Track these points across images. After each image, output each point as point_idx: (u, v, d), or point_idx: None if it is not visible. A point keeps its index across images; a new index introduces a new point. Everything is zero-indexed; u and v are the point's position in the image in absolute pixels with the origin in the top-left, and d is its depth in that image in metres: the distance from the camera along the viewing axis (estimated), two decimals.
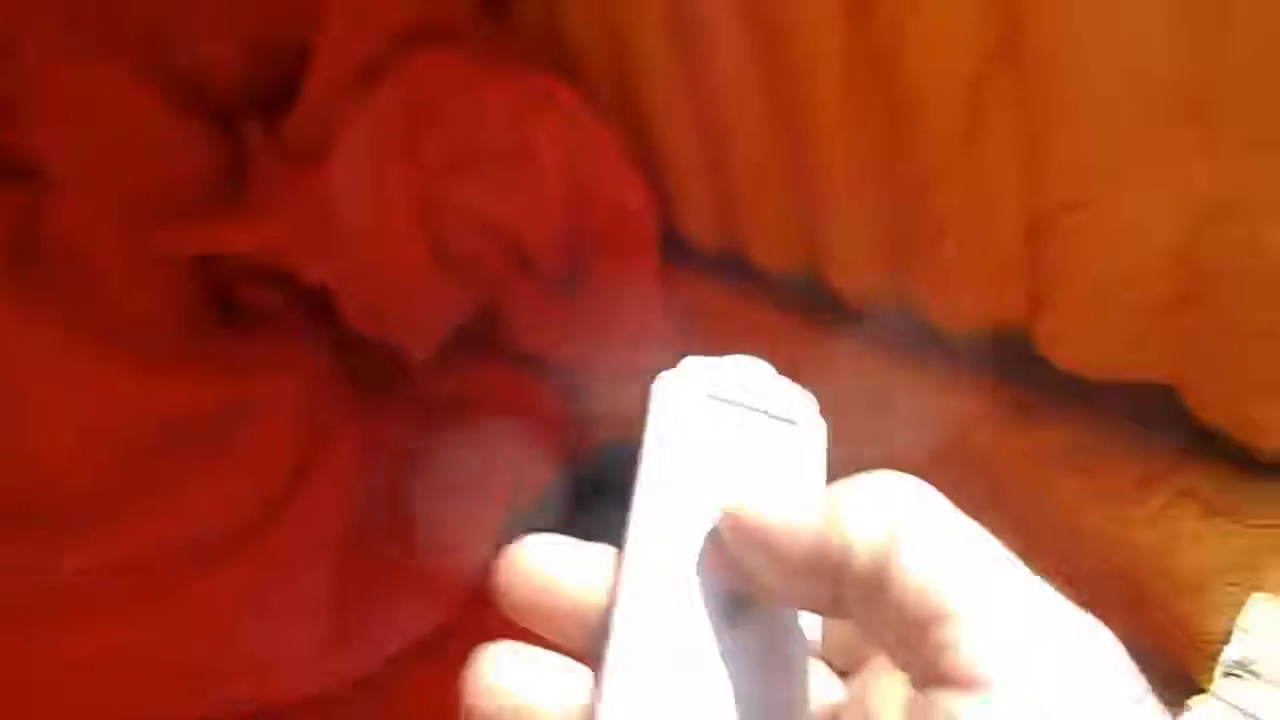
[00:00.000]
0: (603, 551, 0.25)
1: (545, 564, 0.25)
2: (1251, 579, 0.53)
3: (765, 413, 0.27)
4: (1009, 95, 0.55)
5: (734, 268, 0.87)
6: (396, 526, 0.87)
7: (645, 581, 0.23)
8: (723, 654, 0.23)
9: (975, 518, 0.21)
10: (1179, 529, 0.56)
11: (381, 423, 0.92)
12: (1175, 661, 0.56)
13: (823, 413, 0.27)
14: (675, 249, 0.91)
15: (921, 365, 0.71)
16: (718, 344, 0.30)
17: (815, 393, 0.28)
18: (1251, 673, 0.52)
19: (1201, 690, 0.53)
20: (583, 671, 0.24)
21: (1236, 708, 0.52)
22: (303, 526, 0.82)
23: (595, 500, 0.90)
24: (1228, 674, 0.52)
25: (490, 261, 0.93)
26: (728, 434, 0.26)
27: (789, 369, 0.28)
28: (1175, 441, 0.58)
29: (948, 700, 0.19)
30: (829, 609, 0.23)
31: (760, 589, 0.23)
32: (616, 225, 0.87)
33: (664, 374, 0.27)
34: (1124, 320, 0.57)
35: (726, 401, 0.26)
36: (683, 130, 0.87)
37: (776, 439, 0.26)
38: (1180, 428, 0.57)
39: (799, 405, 0.27)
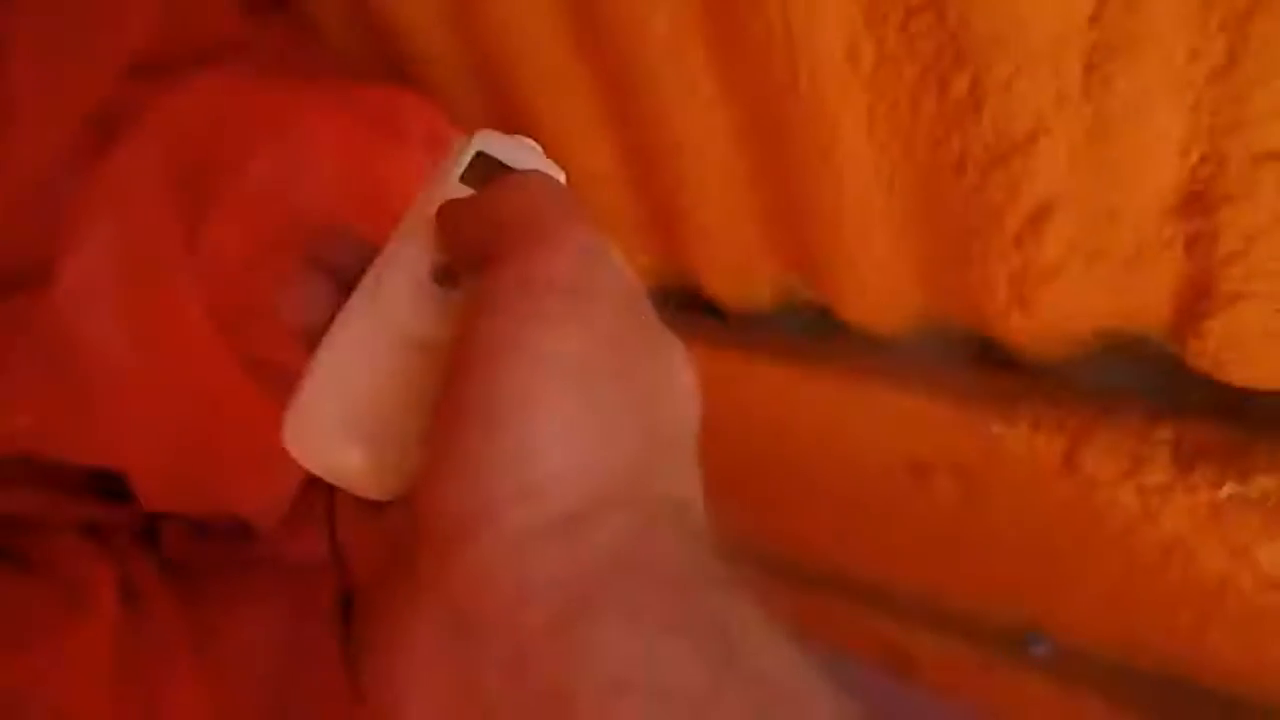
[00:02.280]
0: None
1: None
2: None
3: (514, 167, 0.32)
4: None
5: None
6: None
7: (383, 263, 0.30)
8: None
9: None
10: None
11: (236, 637, 0.61)
12: None
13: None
14: None
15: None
16: None
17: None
18: None
19: None
20: None
21: None
22: None
23: None
24: None
25: None
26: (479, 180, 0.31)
27: None
28: None
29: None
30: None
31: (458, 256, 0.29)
32: None
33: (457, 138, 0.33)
34: None
35: (492, 159, 0.32)
36: (597, 143, 0.60)
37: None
38: None
39: (546, 166, 0.33)
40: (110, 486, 0.63)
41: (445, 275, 0.29)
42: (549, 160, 0.34)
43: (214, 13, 0.65)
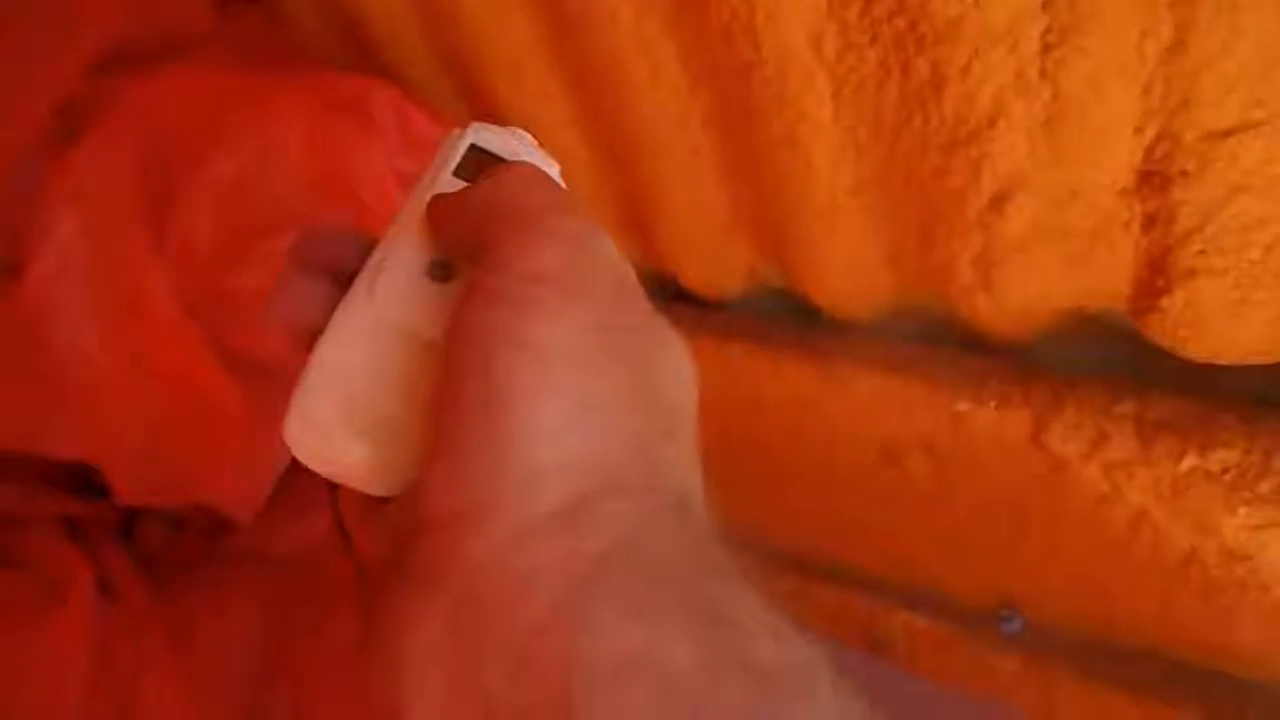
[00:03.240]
0: None
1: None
2: None
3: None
4: None
5: None
6: None
7: (384, 253, 0.30)
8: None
9: None
10: None
11: (212, 632, 0.61)
12: None
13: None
14: None
15: None
16: None
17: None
18: None
19: None
20: None
21: None
22: None
23: None
24: None
25: None
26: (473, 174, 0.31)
27: None
28: None
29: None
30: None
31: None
32: None
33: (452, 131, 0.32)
34: None
35: (485, 152, 0.32)
36: (565, 129, 0.60)
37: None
38: None
39: (539, 158, 0.33)
40: (86, 482, 0.63)
41: (441, 270, 0.29)
42: (543, 152, 0.34)
43: (184, 6, 0.65)
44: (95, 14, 0.60)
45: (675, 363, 0.27)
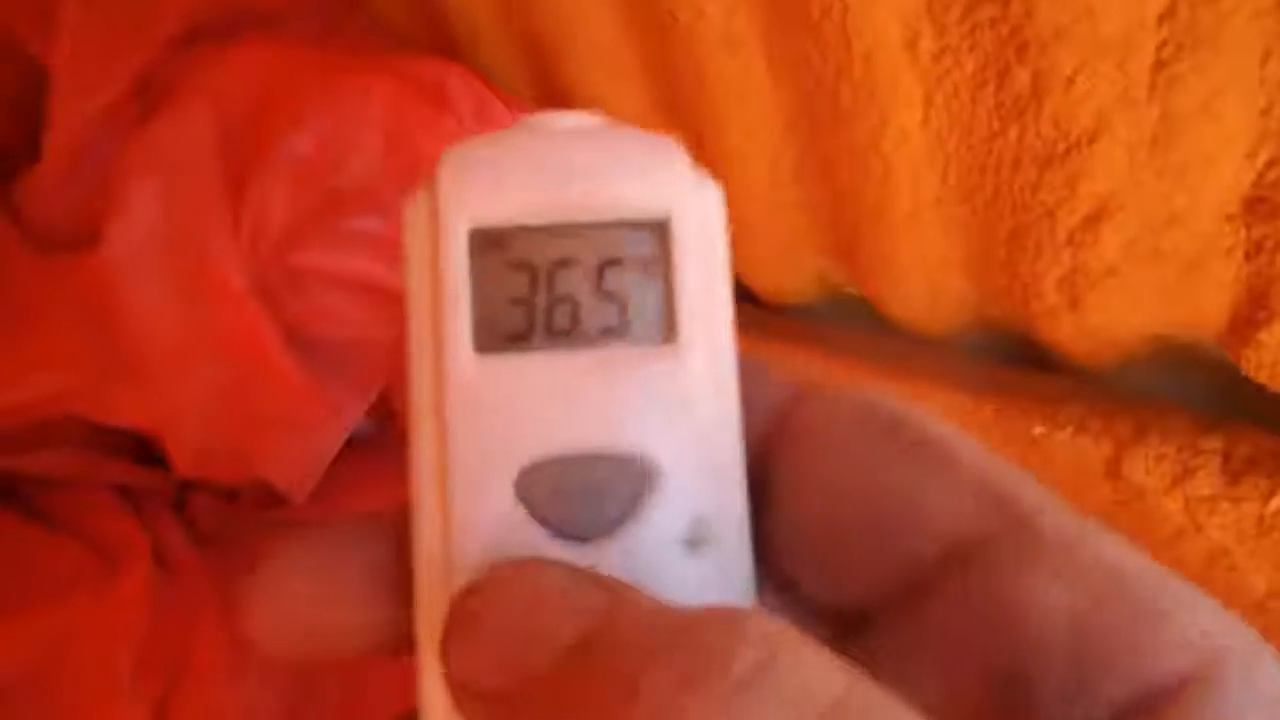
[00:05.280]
0: None
1: None
2: None
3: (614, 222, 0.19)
4: None
5: None
6: None
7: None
8: None
9: None
10: None
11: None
12: None
13: None
14: None
15: None
16: None
17: None
18: None
19: None
20: None
21: None
22: None
23: None
24: None
25: (378, 340, 0.62)
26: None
27: None
28: None
29: None
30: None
31: None
32: None
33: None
34: None
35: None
36: (643, 125, 0.59)
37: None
38: None
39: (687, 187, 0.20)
40: (144, 452, 0.63)
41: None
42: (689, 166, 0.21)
43: None
44: None
45: None
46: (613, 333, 0.19)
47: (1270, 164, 0.38)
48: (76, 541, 0.60)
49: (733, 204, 0.58)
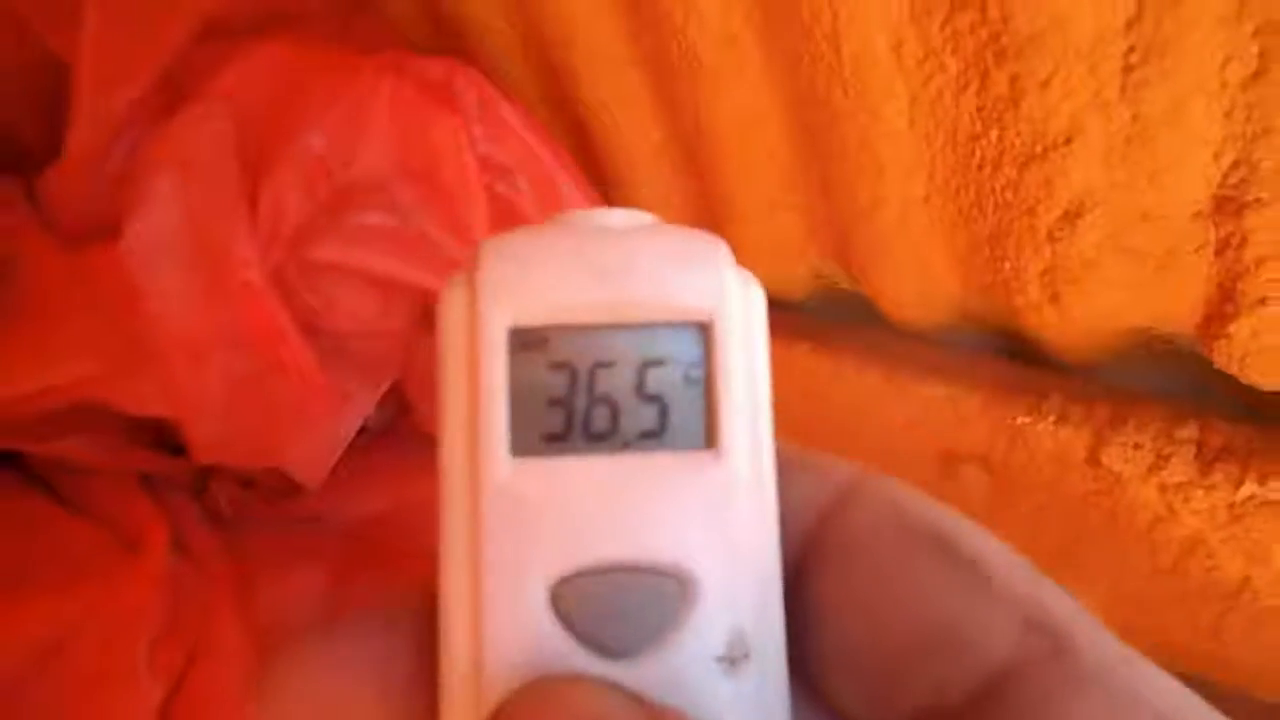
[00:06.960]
0: None
1: None
2: None
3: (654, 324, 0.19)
4: None
5: None
6: None
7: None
8: None
9: None
10: None
11: (276, 590, 0.64)
12: None
13: None
14: None
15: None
16: None
17: None
18: None
19: None
20: None
21: None
22: None
23: None
24: None
25: (389, 332, 0.64)
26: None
27: None
28: None
29: None
30: None
31: None
32: None
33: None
34: None
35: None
36: (643, 123, 0.61)
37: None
38: None
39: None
40: (164, 440, 0.66)
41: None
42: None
43: None
44: None
45: None
46: (652, 436, 0.18)
47: (1235, 165, 0.40)
48: (97, 525, 0.62)
49: (729, 201, 0.60)
